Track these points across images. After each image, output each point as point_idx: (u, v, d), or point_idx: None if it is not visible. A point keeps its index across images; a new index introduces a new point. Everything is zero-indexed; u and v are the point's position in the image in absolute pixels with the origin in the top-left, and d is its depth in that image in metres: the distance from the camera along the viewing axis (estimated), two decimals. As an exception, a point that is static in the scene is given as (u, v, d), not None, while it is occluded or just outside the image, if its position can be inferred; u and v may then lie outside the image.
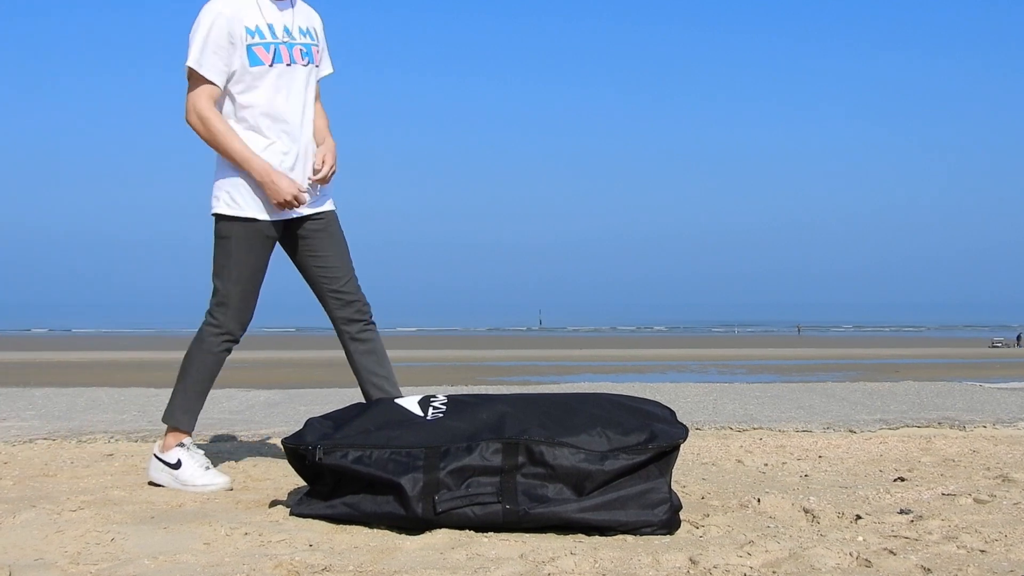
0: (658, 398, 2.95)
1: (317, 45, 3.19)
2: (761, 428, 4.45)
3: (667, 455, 2.47)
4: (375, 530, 2.40)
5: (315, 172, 3.13)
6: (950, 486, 3.00)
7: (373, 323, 3.26)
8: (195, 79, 2.99)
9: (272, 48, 3.04)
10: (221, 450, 3.94)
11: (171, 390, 3.17)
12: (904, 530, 2.39)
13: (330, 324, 3.23)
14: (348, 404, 2.84)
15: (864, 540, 2.28)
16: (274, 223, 3.09)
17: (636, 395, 2.84)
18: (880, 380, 8.95)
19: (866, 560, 2.08)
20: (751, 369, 16.29)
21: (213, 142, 3.00)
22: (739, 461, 3.60)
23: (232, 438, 4.26)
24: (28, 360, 19.08)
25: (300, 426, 2.64)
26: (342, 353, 3.23)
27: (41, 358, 19.81)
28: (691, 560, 2.09)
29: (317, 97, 3.24)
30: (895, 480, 3.16)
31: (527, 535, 2.34)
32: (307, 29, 3.16)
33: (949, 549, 2.19)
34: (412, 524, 2.37)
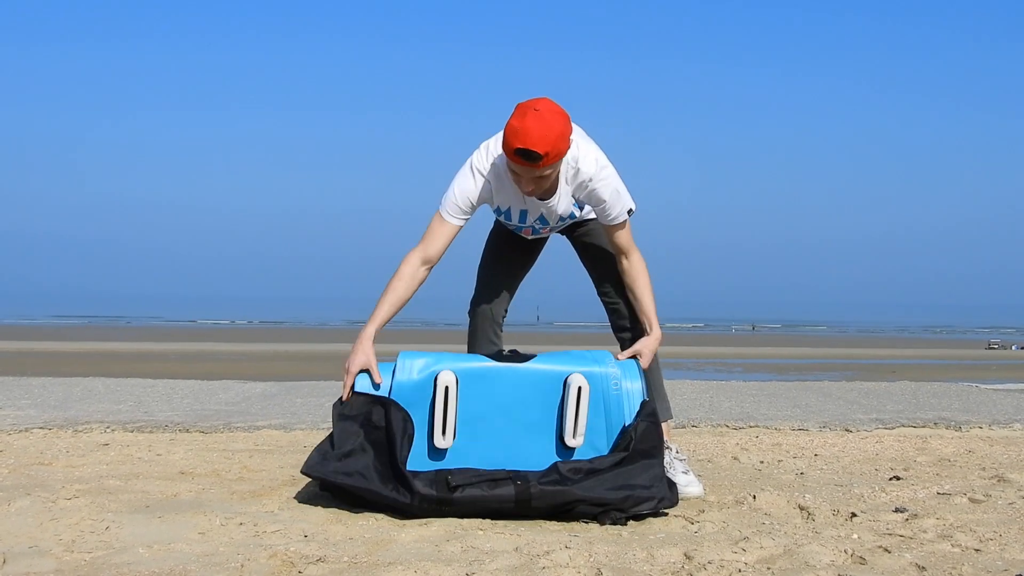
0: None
1: None
2: (757, 426, 4.46)
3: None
4: (370, 521, 2.40)
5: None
6: (945, 485, 3.00)
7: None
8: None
9: None
10: (217, 441, 3.94)
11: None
12: (899, 528, 2.39)
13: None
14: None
15: (859, 538, 2.28)
16: None
17: None
18: (876, 380, 8.96)
19: (860, 557, 2.08)
20: (748, 368, 16.30)
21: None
22: (735, 458, 3.60)
23: (228, 429, 4.26)
24: (24, 349, 19.07)
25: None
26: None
27: (37, 347, 19.80)
28: (686, 555, 2.10)
29: None
30: (890, 479, 3.16)
31: (522, 528, 2.34)
32: None
33: (944, 548, 2.19)
34: (422, 502, 2.41)
